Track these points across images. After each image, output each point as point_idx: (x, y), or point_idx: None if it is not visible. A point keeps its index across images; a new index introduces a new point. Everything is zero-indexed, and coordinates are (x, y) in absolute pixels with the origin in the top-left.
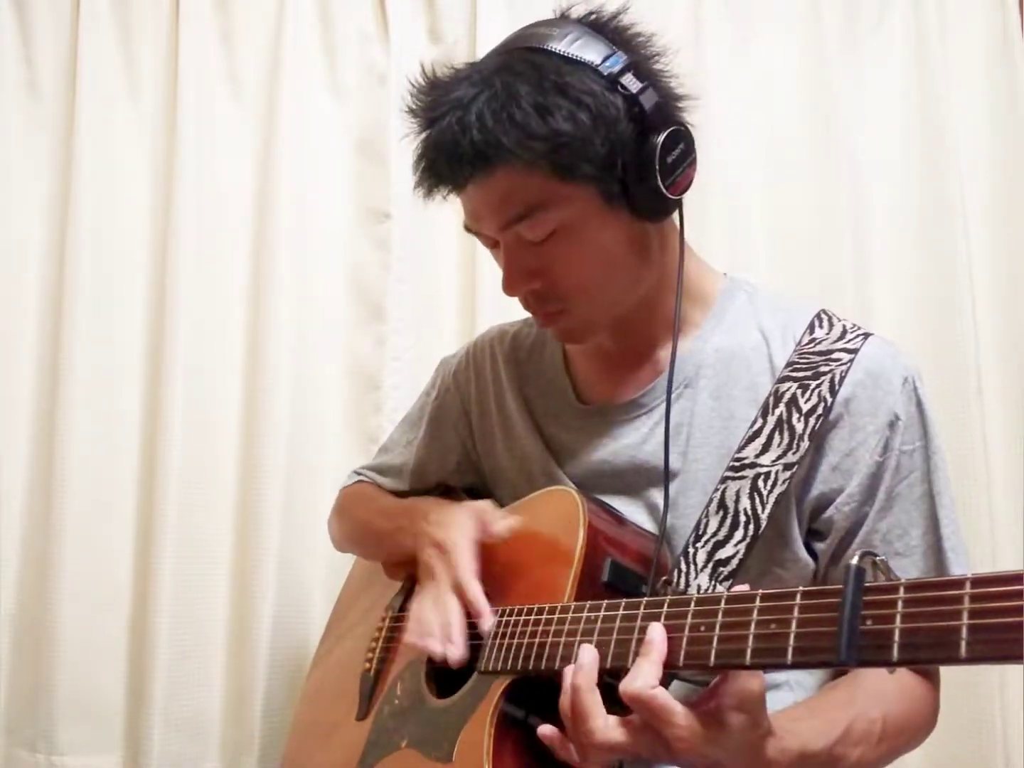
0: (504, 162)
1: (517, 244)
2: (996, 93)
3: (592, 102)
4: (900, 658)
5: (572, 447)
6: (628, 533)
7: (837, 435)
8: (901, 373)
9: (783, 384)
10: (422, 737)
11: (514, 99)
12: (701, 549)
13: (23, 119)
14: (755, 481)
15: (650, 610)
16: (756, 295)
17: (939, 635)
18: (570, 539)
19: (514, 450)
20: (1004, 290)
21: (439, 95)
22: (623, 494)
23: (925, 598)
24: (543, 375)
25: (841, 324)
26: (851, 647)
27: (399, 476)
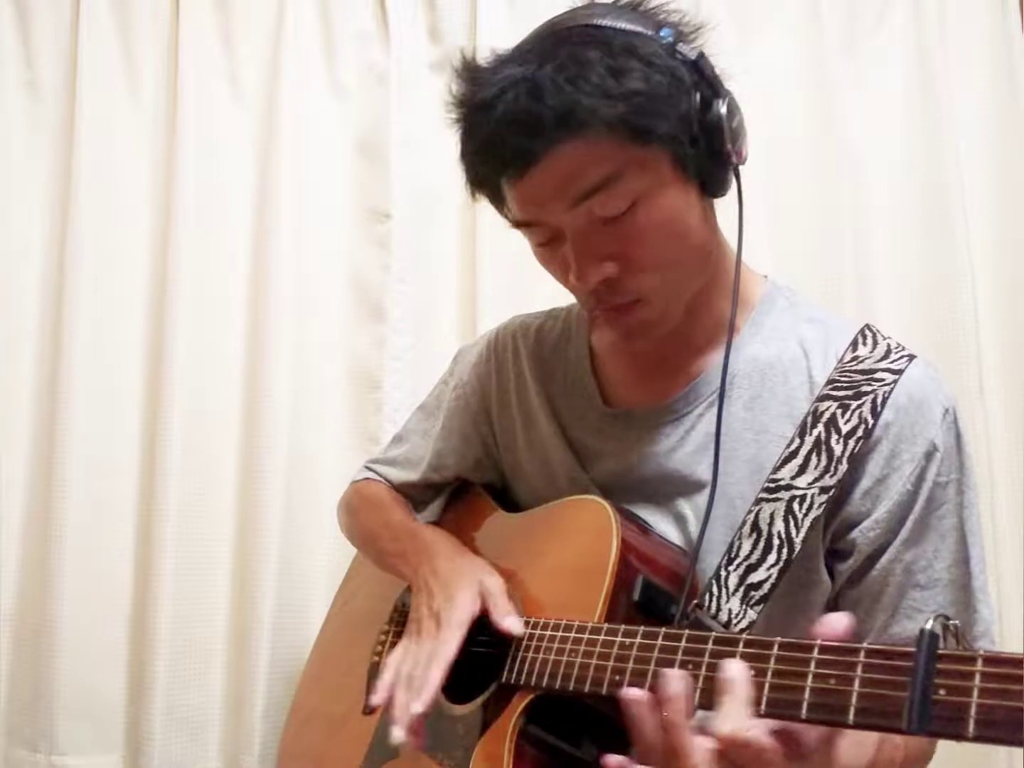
0: (585, 127)
1: (588, 225)
2: (996, 93)
3: (661, 64)
4: (975, 734)
5: (596, 451)
6: (658, 548)
7: (873, 459)
8: (943, 403)
9: (822, 403)
10: (435, 743)
11: (585, 65)
12: (733, 572)
13: (23, 119)
14: (790, 504)
15: (691, 644)
16: (797, 303)
17: (1017, 714)
18: (602, 553)
19: (536, 450)
20: (1005, 289)
21: (487, 76)
22: (649, 503)
23: (1004, 675)
24: (568, 374)
25: (886, 343)
26: (923, 717)
27: (413, 469)
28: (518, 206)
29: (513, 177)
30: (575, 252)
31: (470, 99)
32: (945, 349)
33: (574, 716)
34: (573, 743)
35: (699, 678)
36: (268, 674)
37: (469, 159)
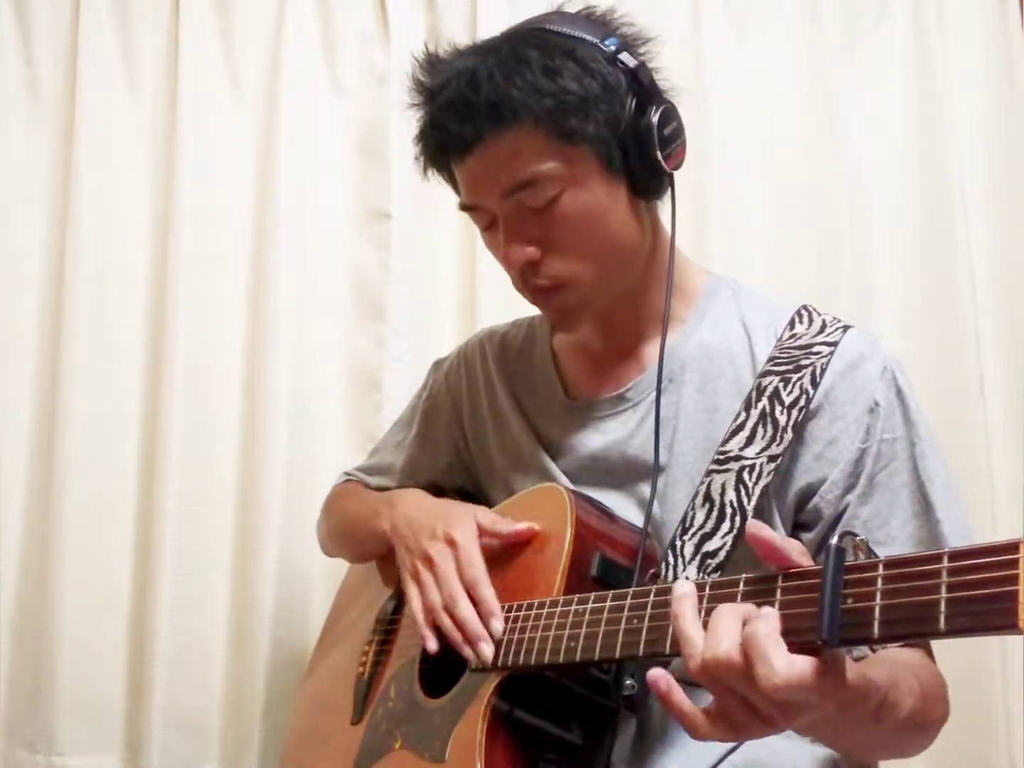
0: (514, 117)
1: (517, 212)
2: (996, 93)
3: (598, 68)
4: (881, 634)
5: (562, 442)
6: (617, 528)
7: (818, 424)
8: (880, 362)
9: (765, 378)
10: (415, 737)
11: (524, 61)
12: (688, 542)
13: (23, 119)
14: (740, 473)
15: (637, 600)
16: (740, 291)
17: (918, 609)
18: (558, 535)
19: (507, 447)
20: (1005, 289)
21: (443, 67)
22: (614, 488)
23: (904, 574)
24: (532, 372)
25: (821, 318)
26: (833, 626)
27: (389, 475)
28: (464, 190)
29: (454, 161)
30: (504, 235)
31: (421, 86)
32: (945, 348)
33: (545, 693)
34: (546, 719)
35: (643, 629)
36: (268, 674)
37: (419, 141)
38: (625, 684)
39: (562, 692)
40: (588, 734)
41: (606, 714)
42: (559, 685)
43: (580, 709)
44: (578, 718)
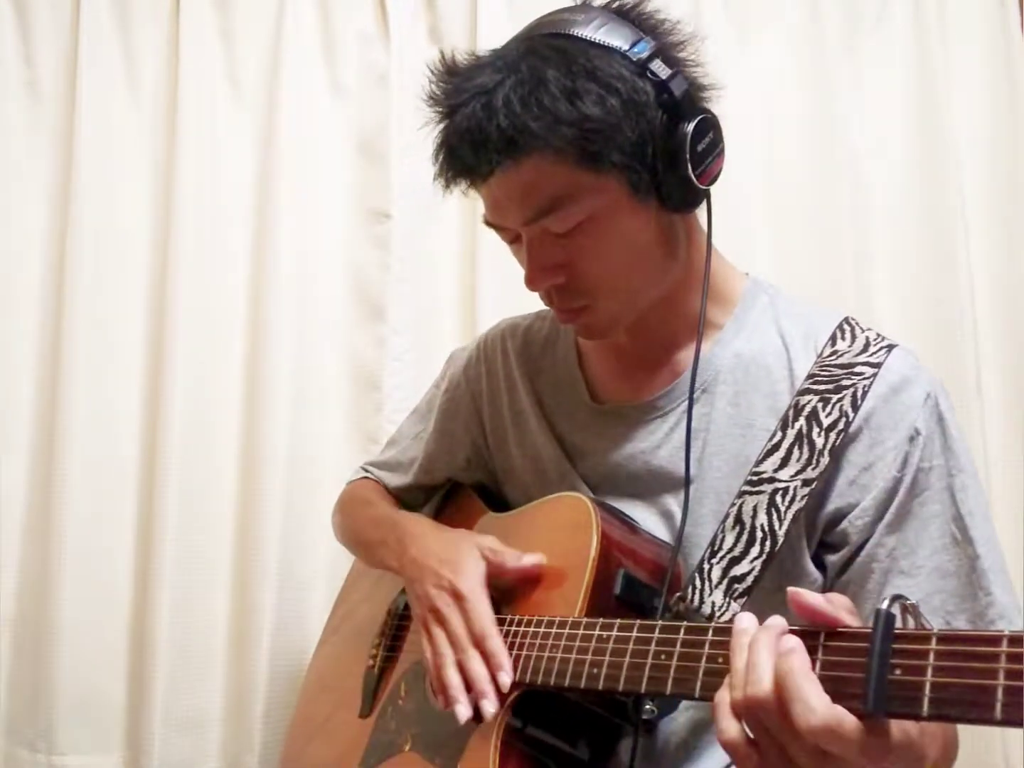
0: (532, 149)
1: (541, 237)
2: (996, 93)
3: (622, 87)
4: (930, 713)
5: (584, 447)
6: (641, 543)
7: (856, 449)
8: (924, 388)
9: (803, 397)
10: (426, 741)
11: (542, 84)
12: (716, 565)
13: (23, 119)
14: (773, 496)
15: (665, 635)
16: (778, 298)
17: (973, 692)
18: (582, 548)
19: (526, 447)
20: (1004, 289)
21: (460, 82)
22: (636, 498)
23: (959, 652)
24: (556, 371)
25: (864, 335)
26: (879, 696)
27: (405, 472)
28: (487, 208)
29: (473, 184)
30: (528, 259)
31: (440, 102)
32: (943, 349)
33: (560, 711)
34: (560, 738)
35: (671, 667)
36: (268, 674)
37: (437, 158)
38: (644, 708)
39: (578, 711)
40: (601, 753)
41: (619, 732)
42: (576, 704)
43: (595, 728)
44: (593, 737)
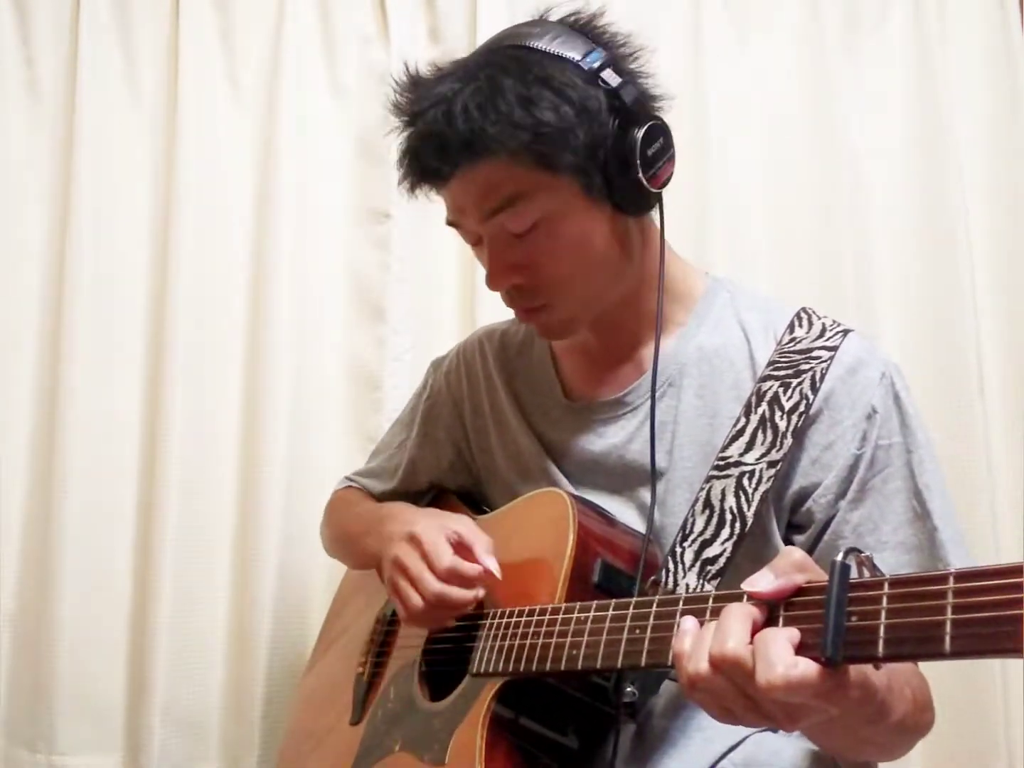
0: (488, 152)
1: (500, 237)
2: (996, 93)
3: (575, 94)
4: (885, 653)
5: (562, 444)
6: (618, 533)
7: (817, 430)
8: (879, 368)
9: (765, 383)
10: (415, 740)
11: (498, 91)
12: (688, 548)
13: (23, 119)
14: (740, 479)
15: (639, 610)
16: (737, 293)
17: (923, 629)
18: (560, 540)
19: (508, 446)
20: (1005, 290)
21: (423, 91)
22: (613, 492)
23: (909, 593)
24: (532, 372)
25: (821, 322)
26: (837, 643)
27: (390, 478)
28: (447, 210)
29: (435, 187)
30: (488, 259)
31: (403, 110)
32: (945, 349)
33: (545, 699)
34: (545, 725)
35: (645, 640)
36: (268, 674)
37: (400, 164)
38: (626, 691)
39: (562, 698)
40: (587, 739)
41: (605, 720)
42: (559, 691)
43: (580, 715)
44: (578, 724)
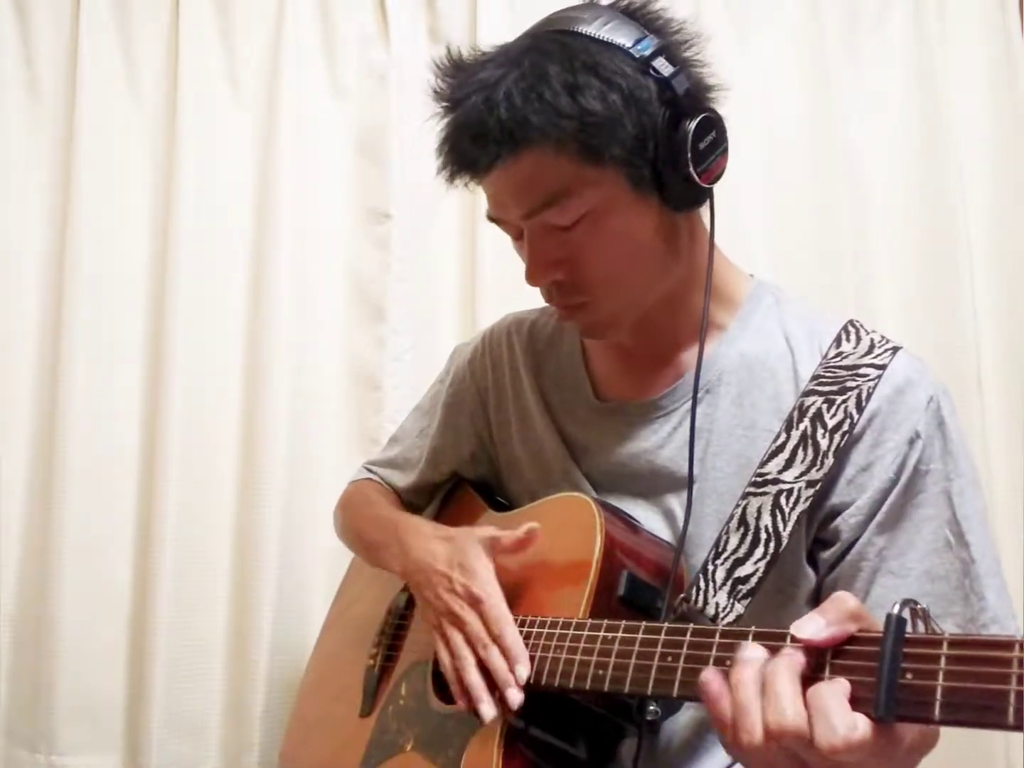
0: (532, 143)
1: (543, 232)
2: (996, 93)
3: (624, 83)
4: (941, 717)
5: (587, 445)
6: (645, 543)
7: (858, 449)
8: (928, 391)
9: (808, 398)
10: (427, 741)
11: (543, 78)
12: (720, 566)
13: (23, 119)
14: (777, 498)
15: (671, 637)
16: (783, 300)
17: (984, 697)
18: (586, 550)
19: (530, 442)
20: (1005, 289)
21: (464, 77)
22: (639, 497)
23: (970, 657)
24: (560, 367)
25: (869, 337)
26: (890, 701)
27: (412, 468)
28: (488, 203)
29: (474, 178)
30: (528, 254)
31: (444, 97)
32: (944, 348)
33: (563, 712)
34: (563, 739)
35: (677, 670)
36: (268, 674)
37: (439, 153)
38: (649, 709)
39: (583, 713)
40: (603, 754)
41: (623, 734)
42: (579, 706)
43: (598, 730)
44: (595, 738)
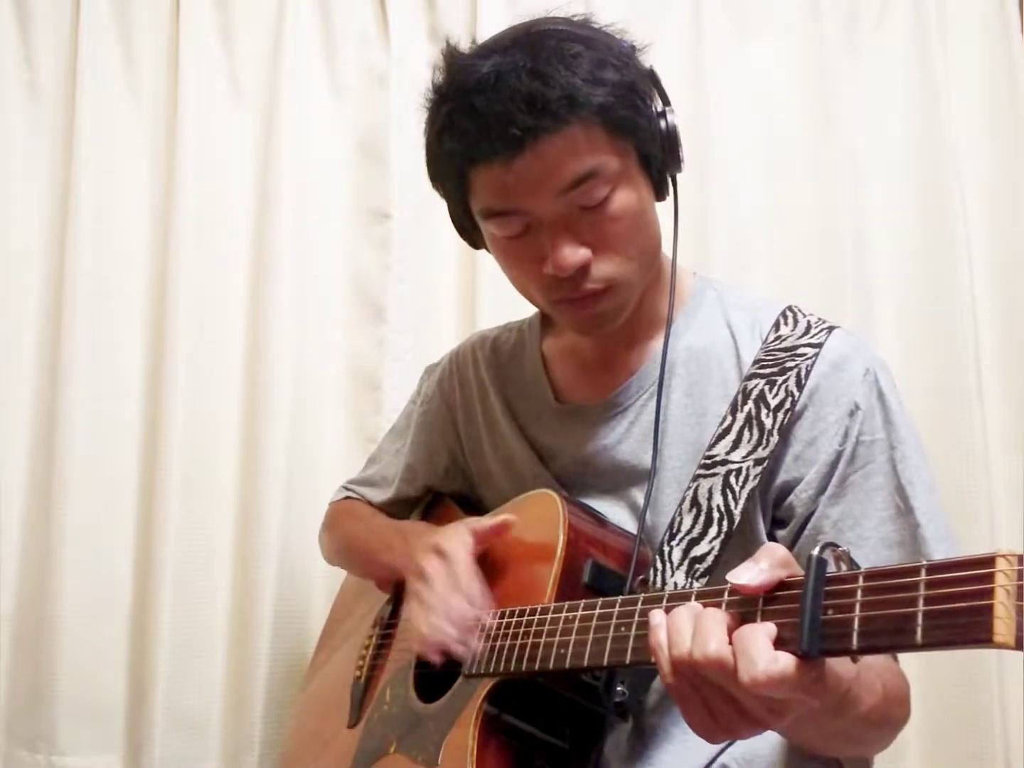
0: (584, 109)
1: (568, 213)
2: (996, 93)
3: (633, 64)
4: (859, 646)
5: (553, 448)
6: (608, 534)
7: (801, 426)
8: (863, 364)
9: (751, 381)
10: (410, 741)
11: (575, 55)
12: (676, 547)
13: (23, 120)
14: (727, 478)
15: (625, 608)
16: (725, 292)
17: (896, 622)
18: (551, 541)
19: (500, 451)
20: (1004, 290)
21: (477, 63)
22: (606, 493)
23: (883, 586)
24: (523, 377)
25: (806, 319)
26: (813, 637)
27: (389, 485)
28: (495, 195)
29: (489, 163)
30: (555, 239)
31: (462, 83)
32: (944, 349)
33: (536, 699)
34: (538, 725)
35: (630, 637)
36: (268, 674)
37: (460, 141)
38: (616, 690)
39: (553, 698)
40: (578, 739)
41: (596, 719)
42: (550, 691)
43: (570, 715)
44: (568, 724)
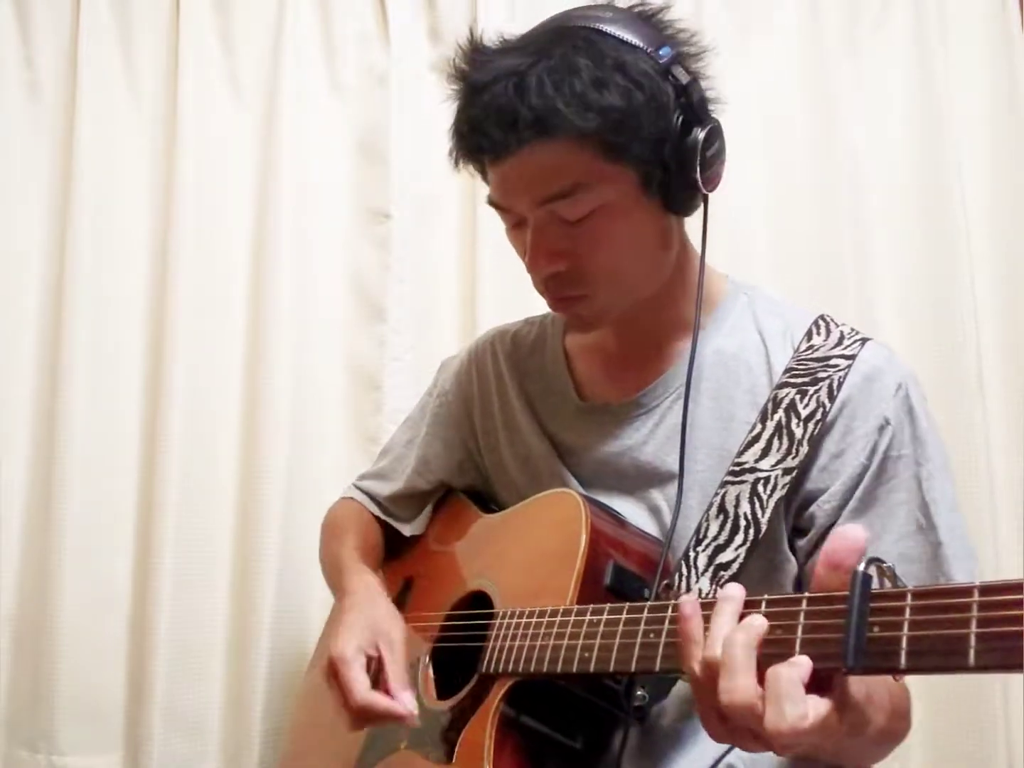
0: (558, 131)
1: (549, 222)
2: (996, 93)
3: (647, 84)
4: (907, 665)
5: (573, 446)
6: (630, 536)
7: (831, 437)
8: (896, 378)
9: (782, 390)
10: (422, 738)
11: (574, 71)
12: (702, 553)
13: (23, 120)
14: (755, 486)
15: (654, 614)
16: (756, 298)
17: (947, 643)
18: (572, 542)
19: (517, 447)
20: (1005, 289)
21: (489, 60)
22: (625, 494)
23: (932, 605)
24: (544, 373)
25: (839, 330)
26: (858, 653)
27: (400, 477)
28: (494, 187)
29: (489, 163)
30: (532, 243)
31: (466, 78)
32: (945, 349)
33: (554, 700)
34: (554, 728)
35: (659, 644)
36: (268, 674)
37: (456, 134)
38: (636, 695)
39: (572, 700)
40: (595, 742)
41: (613, 722)
42: (569, 693)
43: (589, 717)
44: (586, 726)
